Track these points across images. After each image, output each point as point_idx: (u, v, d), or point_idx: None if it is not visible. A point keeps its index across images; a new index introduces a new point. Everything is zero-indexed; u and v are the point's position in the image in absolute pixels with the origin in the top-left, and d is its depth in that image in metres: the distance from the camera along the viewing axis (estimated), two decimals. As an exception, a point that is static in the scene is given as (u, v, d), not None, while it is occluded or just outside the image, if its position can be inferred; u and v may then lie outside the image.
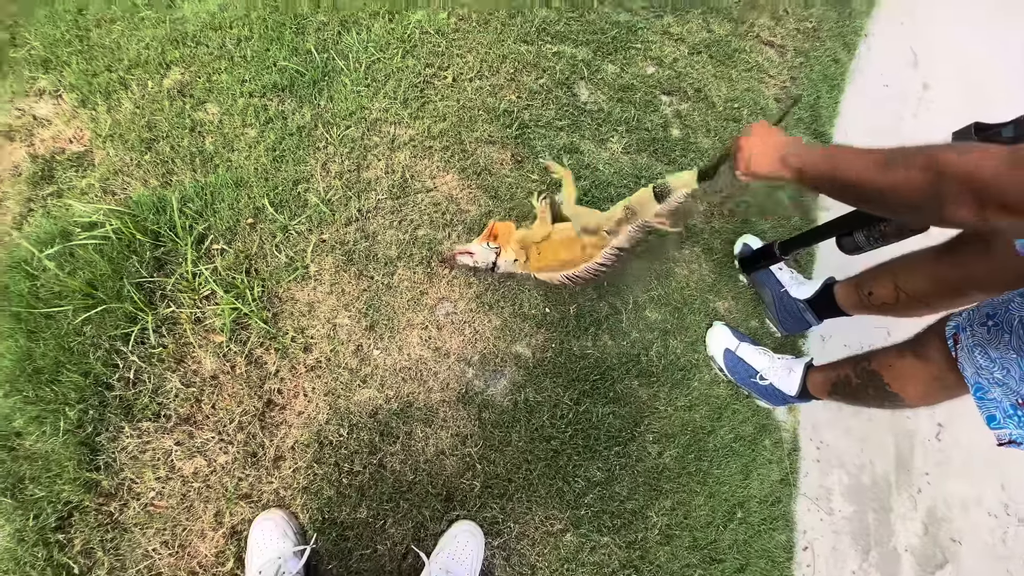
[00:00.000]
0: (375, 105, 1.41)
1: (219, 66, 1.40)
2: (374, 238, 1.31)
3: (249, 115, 1.36)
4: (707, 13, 1.66)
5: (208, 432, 1.14)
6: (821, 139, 1.71)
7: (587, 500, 1.23)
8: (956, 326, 0.88)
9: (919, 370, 0.95)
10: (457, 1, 1.51)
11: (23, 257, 1.18)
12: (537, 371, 1.29)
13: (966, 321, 0.87)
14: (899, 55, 2.01)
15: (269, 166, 1.32)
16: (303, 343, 1.22)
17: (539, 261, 1.26)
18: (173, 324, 1.19)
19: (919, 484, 1.56)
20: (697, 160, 1.53)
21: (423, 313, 1.28)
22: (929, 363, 0.93)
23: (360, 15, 1.47)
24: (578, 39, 1.55)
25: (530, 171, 1.43)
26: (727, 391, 1.40)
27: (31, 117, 1.34)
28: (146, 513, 1.08)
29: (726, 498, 1.33)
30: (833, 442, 1.53)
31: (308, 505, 1.13)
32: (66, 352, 1.12)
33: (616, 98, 1.53)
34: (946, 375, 0.91)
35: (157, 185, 1.29)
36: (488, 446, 1.22)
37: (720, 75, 1.63)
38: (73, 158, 1.31)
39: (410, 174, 1.37)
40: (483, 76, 1.48)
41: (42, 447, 1.07)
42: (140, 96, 1.36)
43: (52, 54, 1.37)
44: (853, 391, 1.11)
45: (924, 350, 0.94)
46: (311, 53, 1.42)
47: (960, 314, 0.89)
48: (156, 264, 1.21)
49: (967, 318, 0.87)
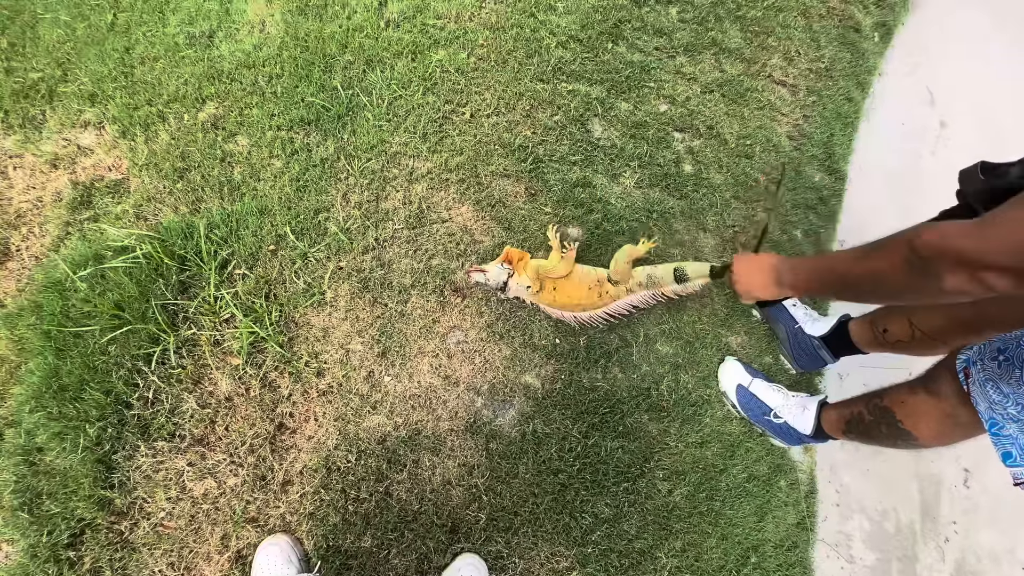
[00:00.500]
0: (395, 139, 1.47)
1: (251, 101, 1.48)
2: (389, 266, 1.35)
3: (276, 147, 1.43)
4: (719, 54, 1.70)
5: (220, 454, 1.16)
6: (835, 176, 1.72)
7: (594, 537, 1.20)
8: (967, 360, 0.86)
9: (931, 406, 0.93)
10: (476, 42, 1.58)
11: (58, 278, 1.24)
12: (546, 402, 1.29)
13: (976, 355, 0.85)
14: (915, 93, 2.02)
15: (292, 195, 1.38)
16: (316, 368, 1.24)
17: (553, 297, 1.29)
18: (193, 346, 1.23)
19: (946, 533, 1.49)
20: (709, 195, 1.55)
21: (434, 341, 1.30)
22: (941, 399, 0.91)
23: (384, 54, 1.55)
24: (592, 78, 1.60)
25: (543, 204, 1.46)
26: (740, 428, 1.38)
27: (75, 146, 1.43)
28: (155, 534, 1.10)
29: (739, 541, 1.28)
30: (853, 485, 1.47)
31: (313, 531, 1.13)
32: (91, 370, 1.16)
33: (629, 134, 1.57)
34: (959, 411, 0.88)
35: (187, 212, 1.35)
36: (495, 477, 1.21)
37: (732, 113, 1.66)
38: (111, 185, 1.38)
39: (426, 205, 1.41)
40: (500, 112, 1.53)
41: (61, 463, 1.10)
42: (176, 128, 1.44)
43: (99, 89, 1.47)
44: (866, 428, 1.08)
45: (936, 385, 0.92)
46: (337, 90, 1.49)
47: (971, 348, 0.87)
48: (181, 287, 1.26)
49: (978, 352, 0.85)
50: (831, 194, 1.69)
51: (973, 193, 0.83)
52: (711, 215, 1.54)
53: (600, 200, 1.48)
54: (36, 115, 1.45)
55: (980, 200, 0.83)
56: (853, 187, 1.76)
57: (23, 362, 1.19)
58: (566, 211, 1.45)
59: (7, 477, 1.10)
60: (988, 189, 0.81)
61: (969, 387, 0.85)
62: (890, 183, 1.84)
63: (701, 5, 1.73)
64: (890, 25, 1.99)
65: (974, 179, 0.82)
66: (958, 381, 0.88)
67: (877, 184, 1.83)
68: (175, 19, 1.57)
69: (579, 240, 1.43)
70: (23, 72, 1.49)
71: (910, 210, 1.94)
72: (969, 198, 0.84)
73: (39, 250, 1.32)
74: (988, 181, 0.80)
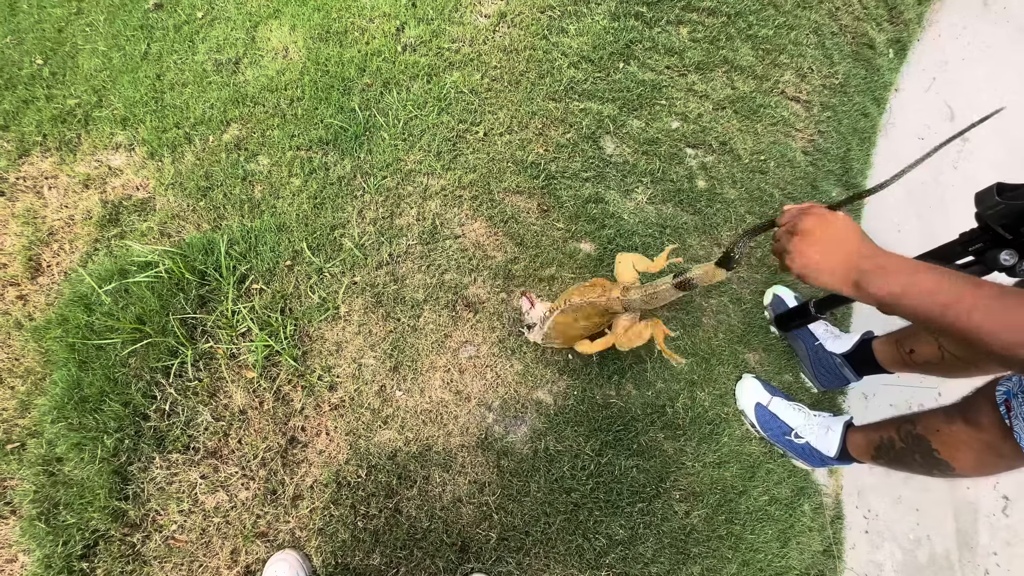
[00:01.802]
0: (410, 157, 1.50)
1: (273, 123, 1.53)
2: (403, 281, 1.36)
3: (295, 166, 1.47)
4: (731, 71, 1.71)
5: (232, 467, 1.16)
6: (852, 189, 1.69)
7: (608, 560, 1.16)
8: (1007, 392, 0.82)
9: (970, 437, 0.88)
10: (489, 64, 1.62)
11: (84, 292, 1.28)
12: (558, 419, 1.26)
13: (1017, 387, 0.81)
14: (934, 109, 2.00)
15: (310, 212, 1.41)
16: (329, 381, 1.25)
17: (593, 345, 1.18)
18: (210, 359, 1.25)
19: (986, 565, 1.40)
20: (723, 210, 1.54)
21: (446, 356, 1.30)
22: (981, 430, 0.86)
23: (401, 77, 1.59)
24: (604, 96, 1.63)
25: (556, 220, 1.46)
26: (760, 448, 1.33)
27: (107, 167, 1.49)
28: (166, 546, 1.10)
29: (762, 567, 1.23)
30: (883, 512, 1.40)
31: (322, 548, 1.12)
32: (111, 382, 1.18)
33: (641, 151, 1.58)
34: (1001, 444, 0.84)
35: (208, 229, 1.39)
36: (506, 495, 1.19)
37: (745, 129, 1.66)
38: (138, 204, 1.44)
39: (440, 221, 1.43)
40: (512, 131, 1.56)
41: (79, 474, 1.12)
42: (201, 149, 1.50)
43: (131, 113, 1.55)
44: (898, 455, 1.03)
45: (975, 416, 0.87)
46: (355, 111, 1.54)
47: (1010, 379, 0.83)
48: (200, 301, 1.29)
49: (1018, 384, 0.81)
50: (849, 210, 1.66)
51: (992, 215, 0.82)
52: (725, 230, 1.52)
53: (613, 216, 1.48)
54: (72, 138, 1.53)
55: (999, 221, 0.81)
56: (873, 202, 1.73)
57: (48, 374, 1.22)
58: (578, 226, 1.45)
59: (27, 487, 1.12)
60: (1007, 210, 0.79)
61: (1012, 421, 0.81)
62: (912, 198, 1.81)
63: (712, 25, 1.75)
64: (905, 41, 1.98)
65: (991, 201, 0.81)
66: (999, 412, 0.83)
67: (898, 199, 1.80)
68: (204, 47, 1.65)
69: (591, 254, 1.43)
70: (62, 99, 1.57)
71: (932, 225, 1.90)
72: (988, 220, 0.83)
73: (68, 265, 1.37)
74: (1006, 202, 0.78)
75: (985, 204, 0.82)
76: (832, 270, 0.70)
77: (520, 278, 1.38)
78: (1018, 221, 0.79)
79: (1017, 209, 0.78)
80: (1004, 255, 0.82)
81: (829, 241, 0.71)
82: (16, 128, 1.52)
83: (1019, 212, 0.78)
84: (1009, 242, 0.82)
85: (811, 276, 0.72)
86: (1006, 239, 0.82)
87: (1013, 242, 0.82)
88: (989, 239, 0.85)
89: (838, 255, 0.70)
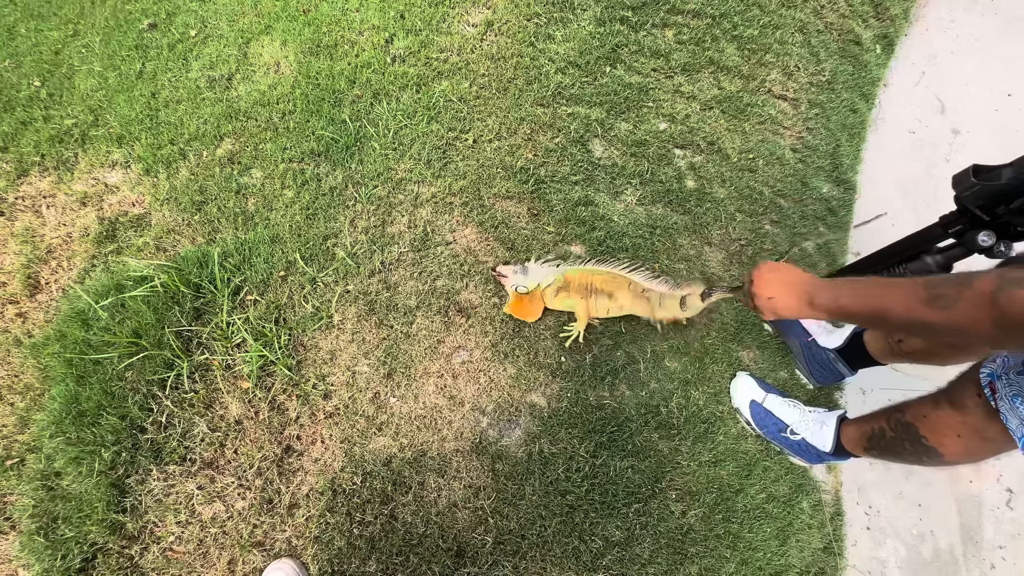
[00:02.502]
0: (401, 166, 1.52)
1: (265, 136, 1.56)
2: (395, 289, 1.37)
3: (288, 178, 1.49)
4: (717, 72, 1.73)
5: (229, 477, 1.17)
6: (844, 186, 1.70)
7: (605, 562, 1.16)
8: (991, 374, 0.82)
9: (956, 421, 0.88)
10: (477, 72, 1.64)
11: (81, 308, 1.30)
12: (552, 422, 1.27)
13: (1001, 368, 0.81)
14: (924, 102, 2.00)
15: (302, 223, 1.43)
16: (324, 390, 1.26)
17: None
18: (206, 370, 1.26)
19: (992, 559, 1.38)
20: (713, 209, 1.54)
21: (439, 361, 1.30)
22: (967, 413, 0.86)
23: (390, 87, 1.62)
24: (592, 100, 1.64)
25: (546, 223, 1.47)
26: (756, 446, 1.32)
27: (103, 185, 1.52)
28: (164, 558, 1.10)
29: (761, 566, 1.22)
30: (884, 508, 1.39)
31: (319, 556, 1.12)
32: (108, 396, 1.20)
33: (630, 153, 1.59)
34: (987, 426, 0.83)
35: (203, 242, 1.41)
36: (501, 499, 1.19)
37: (733, 128, 1.67)
38: (134, 219, 1.46)
39: (431, 228, 1.44)
40: (502, 137, 1.58)
41: (77, 487, 1.13)
42: (195, 164, 1.52)
43: (126, 131, 1.58)
44: (889, 445, 1.02)
45: (959, 399, 0.87)
46: (346, 122, 1.56)
47: (994, 360, 0.83)
48: (195, 314, 1.30)
49: (1002, 365, 0.81)
50: (840, 204, 1.66)
51: (969, 196, 0.82)
52: (715, 229, 1.53)
53: (603, 218, 1.49)
54: (69, 157, 1.55)
55: (976, 203, 0.82)
56: (864, 197, 1.73)
57: (46, 389, 1.24)
58: (569, 229, 1.46)
59: (26, 502, 1.13)
60: (983, 191, 0.80)
61: (996, 403, 0.81)
62: (904, 192, 1.81)
63: (697, 26, 1.77)
64: (892, 36, 1.99)
65: (967, 182, 0.81)
66: (984, 395, 0.83)
67: (890, 193, 1.80)
68: (197, 65, 1.68)
69: (583, 257, 1.44)
70: (59, 119, 1.61)
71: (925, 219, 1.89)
72: (965, 201, 0.83)
73: (66, 282, 1.39)
74: (982, 183, 0.79)
75: (962, 186, 0.83)
76: (789, 303, 0.88)
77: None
78: (994, 202, 0.80)
79: (993, 190, 0.79)
80: (982, 236, 0.82)
81: (780, 283, 0.90)
82: (15, 149, 1.55)
83: (995, 193, 0.79)
84: (987, 223, 0.83)
85: (780, 312, 0.90)
86: (984, 220, 0.83)
87: (990, 223, 0.83)
88: (968, 221, 0.86)
89: (790, 289, 0.88)
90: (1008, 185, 0.77)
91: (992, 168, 0.80)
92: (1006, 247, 0.83)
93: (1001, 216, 0.82)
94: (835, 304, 0.82)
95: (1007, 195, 0.79)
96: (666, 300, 1.28)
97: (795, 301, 0.87)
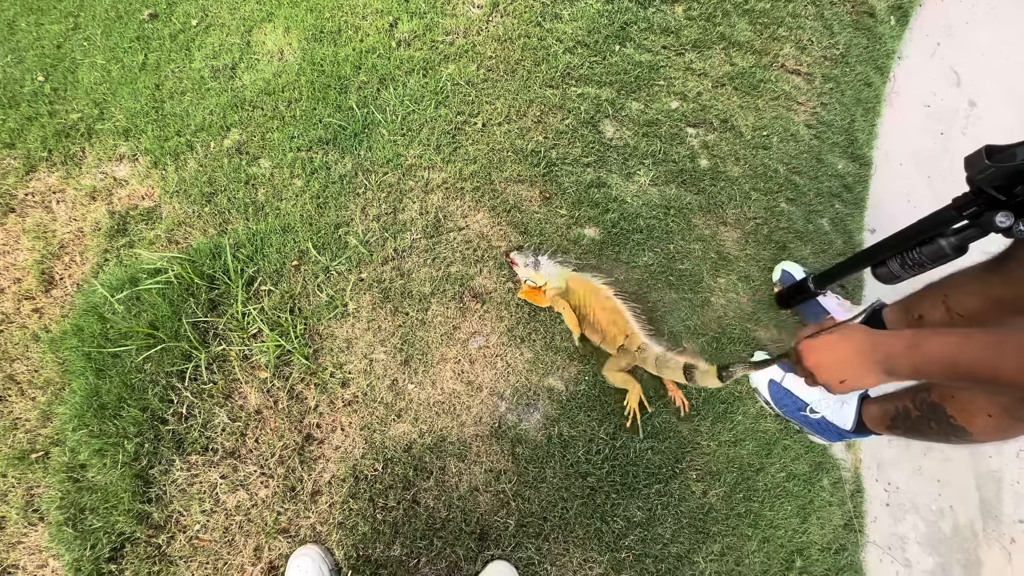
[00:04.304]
0: (410, 152, 1.50)
1: (272, 125, 1.54)
2: (409, 276, 1.36)
3: (297, 167, 1.48)
4: (728, 48, 1.69)
5: (251, 466, 1.18)
6: (860, 162, 1.67)
7: (627, 542, 1.16)
8: None
9: (987, 402, 0.87)
10: (485, 54, 1.61)
11: (97, 302, 1.30)
12: (571, 405, 1.27)
13: None
14: (940, 75, 1.96)
15: (313, 212, 1.42)
16: (341, 378, 1.26)
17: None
18: (223, 361, 1.26)
19: (1012, 534, 1.38)
20: (727, 188, 1.52)
21: (456, 347, 1.30)
22: (997, 393, 0.85)
23: (397, 72, 1.59)
24: (602, 80, 1.61)
25: (558, 206, 1.46)
26: (775, 426, 1.32)
27: (112, 179, 1.51)
28: (191, 546, 1.12)
29: (782, 544, 1.22)
30: (904, 484, 1.39)
31: (343, 541, 1.13)
32: (128, 388, 1.20)
33: (642, 133, 1.56)
34: (1017, 407, 0.82)
35: (215, 233, 1.41)
36: (522, 482, 1.19)
37: (746, 105, 1.64)
38: (144, 213, 1.45)
39: (443, 214, 1.43)
40: (511, 120, 1.55)
41: (102, 479, 1.14)
42: (203, 156, 1.51)
43: (132, 124, 1.56)
44: (914, 424, 1.02)
45: None
46: (353, 109, 1.54)
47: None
48: (210, 305, 1.30)
49: None
50: (856, 181, 1.64)
51: (983, 178, 0.80)
52: (730, 208, 1.51)
53: (616, 199, 1.47)
54: (76, 152, 1.54)
55: (992, 184, 0.80)
56: (880, 172, 1.70)
57: (66, 383, 1.24)
58: (582, 212, 1.45)
59: (53, 494, 1.14)
60: (999, 172, 0.78)
61: None
62: (920, 166, 1.78)
63: (707, 2, 1.73)
64: (906, 8, 1.94)
65: (981, 164, 0.79)
66: None
67: (907, 168, 1.77)
68: (200, 55, 1.66)
69: (596, 239, 1.42)
70: (64, 114, 1.59)
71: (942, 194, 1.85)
72: (980, 183, 0.81)
73: (80, 277, 1.39)
74: (996, 164, 0.77)
75: (976, 168, 0.81)
76: (856, 369, 0.77)
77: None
78: (1011, 182, 0.78)
79: (1009, 171, 0.77)
80: (1000, 217, 0.81)
81: (841, 361, 0.79)
82: (22, 145, 1.54)
83: (1011, 174, 0.77)
84: (1003, 203, 0.81)
85: (848, 383, 0.79)
86: (1000, 201, 0.81)
87: (1007, 203, 0.81)
88: (983, 202, 0.84)
89: (856, 364, 0.77)
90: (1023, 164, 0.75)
91: (1006, 148, 0.77)
92: None
93: (1018, 196, 0.80)
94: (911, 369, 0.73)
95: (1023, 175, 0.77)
96: (668, 363, 1.13)
97: (866, 372, 0.76)
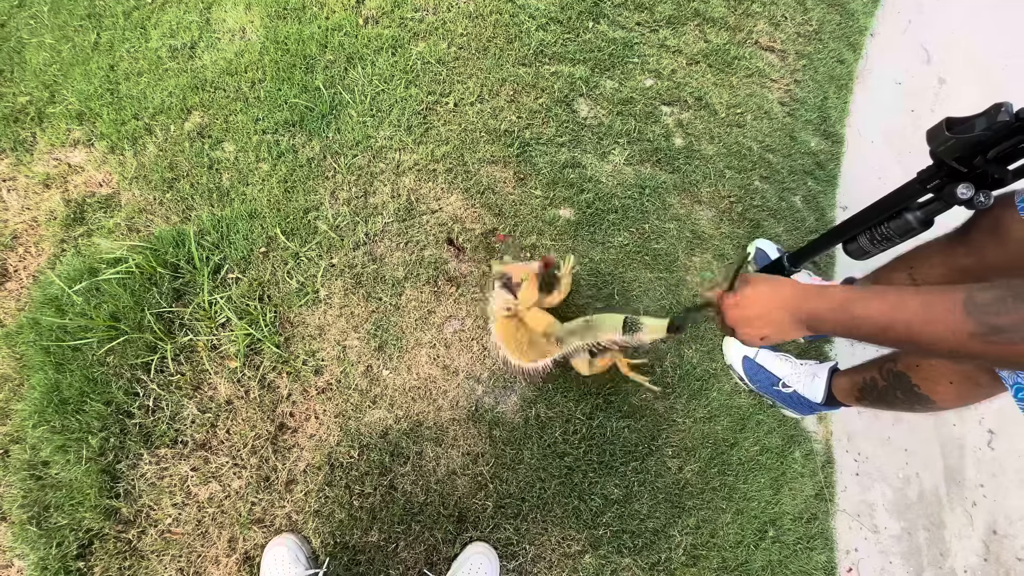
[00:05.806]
0: (380, 134, 1.46)
1: (235, 107, 1.48)
2: (381, 261, 1.34)
3: (263, 150, 1.43)
4: (703, 24, 1.67)
5: (223, 457, 1.15)
6: (832, 139, 1.68)
7: (605, 519, 1.18)
8: None
9: (948, 369, 0.89)
10: (455, 32, 1.57)
11: (54, 294, 1.25)
12: (547, 386, 1.26)
13: None
14: (910, 52, 1.97)
15: (281, 197, 1.38)
16: (314, 366, 1.23)
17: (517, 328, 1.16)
18: (191, 352, 1.23)
19: (973, 497, 1.44)
20: (702, 167, 1.52)
21: (431, 332, 1.29)
22: (958, 361, 0.87)
23: (364, 51, 1.54)
24: (575, 58, 1.58)
25: (533, 187, 1.44)
26: (749, 401, 1.34)
27: (66, 165, 1.44)
28: (163, 540, 1.09)
29: (756, 515, 1.25)
30: (872, 454, 1.43)
31: (320, 529, 1.12)
32: (90, 382, 1.16)
33: (616, 112, 1.55)
34: (978, 374, 0.84)
35: (178, 221, 1.36)
36: (500, 464, 1.19)
37: (721, 83, 1.63)
38: (102, 200, 1.39)
39: (415, 197, 1.40)
40: (483, 99, 1.52)
41: (66, 475, 1.10)
42: (163, 140, 1.45)
43: (86, 107, 1.49)
44: (881, 394, 1.04)
45: None
46: (320, 89, 1.49)
47: None
48: (175, 295, 1.26)
49: None
50: (828, 158, 1.65)
51: (944, 151, 0.81)
52: (705, 187, 1.51)
53: (591, 179, 1.46)
54: (27, 137, 1.47)
55: (952, 156, 0.81)
56: (851, 150, 1.72)
57: (24, 379, 1.20)
58: (556, 193, 1.43)
59: (14, 492, 1.10)
60: (958, 144, 0.78)
61: None
62: (891, 143, 1.80)
63: (681, -23, 1.71)
64: (879, -17, 1.94)
65: (942, 136, 0.80)
66: None
67: (877, 145, 1.78)
68: (157, 33, 1.58)
69: (571, 220, 1.41)
70: (12, 97, 1.51)
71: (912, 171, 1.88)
72: (941, 155, 0.82)
73: (36, 268, 1.33)
74: (956, 136, 0.78)
75: (937, 140, 0.81)
76: (774, 321, 0.75)
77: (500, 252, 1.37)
78: (971, 153, 0.79)
79: (969, 142, 0.77)
80: (961, 189, 0.82)
81: (761, 299, 0.77)
82: (-34, 130, 1.46)
83: (971, 144, 0.78)
84: (964, 175, 0.82)
85: (763, 334, 0.78)
86: (961, 172, 0.82)
87: (968, 175, 0.82)
88: (945, 175, 0.85)
89: (773, 308, 0.75)
90: (982, 135, 0.75)
91: (965, 120, 0.78)
92: (985, 197, 0.82)
93: (978, 167, 0.81)
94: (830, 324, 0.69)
95: (983, 145, 0.78)
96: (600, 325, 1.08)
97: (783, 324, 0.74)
